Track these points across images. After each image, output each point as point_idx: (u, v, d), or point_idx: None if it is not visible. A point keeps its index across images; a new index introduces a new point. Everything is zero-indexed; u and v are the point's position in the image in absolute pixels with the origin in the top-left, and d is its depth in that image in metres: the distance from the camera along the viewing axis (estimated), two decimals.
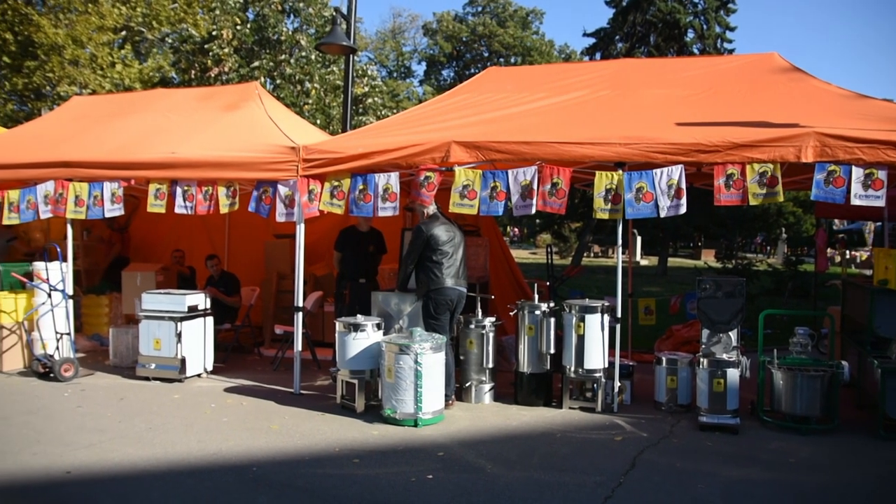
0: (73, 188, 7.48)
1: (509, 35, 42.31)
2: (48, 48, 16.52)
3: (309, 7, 19.26)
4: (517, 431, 5.75)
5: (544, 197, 6.08)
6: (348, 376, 6.25)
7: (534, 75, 8.32)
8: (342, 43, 9.08)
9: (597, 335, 6.22)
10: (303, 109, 17.57)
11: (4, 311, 7.91)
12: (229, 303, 8.96)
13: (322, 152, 6.70)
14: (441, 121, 6.96)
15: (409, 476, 4.62)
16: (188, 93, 9.85)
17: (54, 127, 9.10)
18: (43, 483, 4.49)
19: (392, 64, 46.85)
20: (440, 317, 6.40)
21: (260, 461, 4.91)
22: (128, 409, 6.28)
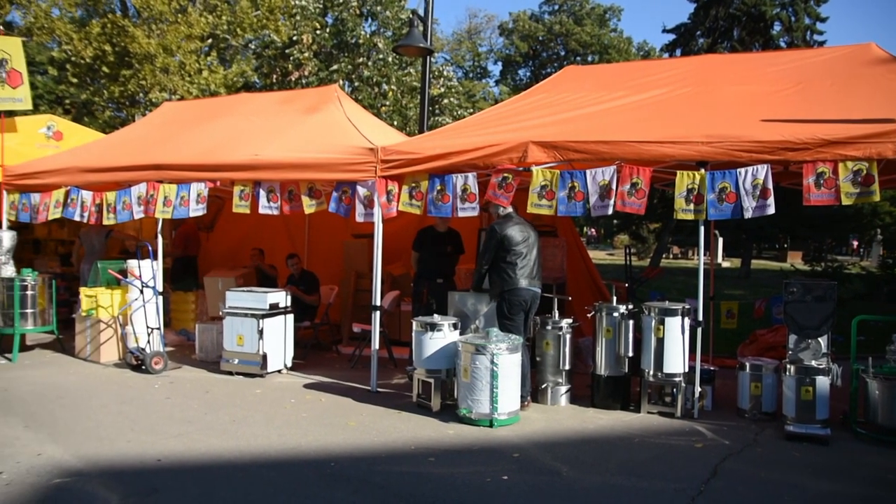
0: (162, 189, 7.82)
1: (586, 33, 41.73)
2: (141, 57, 17.32)
3: (386, 10, 19.55)
4: (594, 435, 5.67)
5: (623, 197, 5.97)
6: (424, 375, 6.30)
7: (612, 73, 8.19)
8: (419, 45, 9.16)
9: (677, 338, 6.06)
10: (380, 111, 17.85)
11: (102, 305, 8.36)
12: (309, 301, 9.17)
13: (400, 153, 6.78)
14: (518, 121, 6.93)
15: (484, 476, 4.63)
16: (270, 96, 10.14)
17: (147, 131, 9.55)
18: (137, 469, 4.72)
19: (468, 64, 46.95)
20: (514, 317, 6.38)
21: (337, 456, 5.01)
22: (213, 402, 6.52)
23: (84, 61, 18.23)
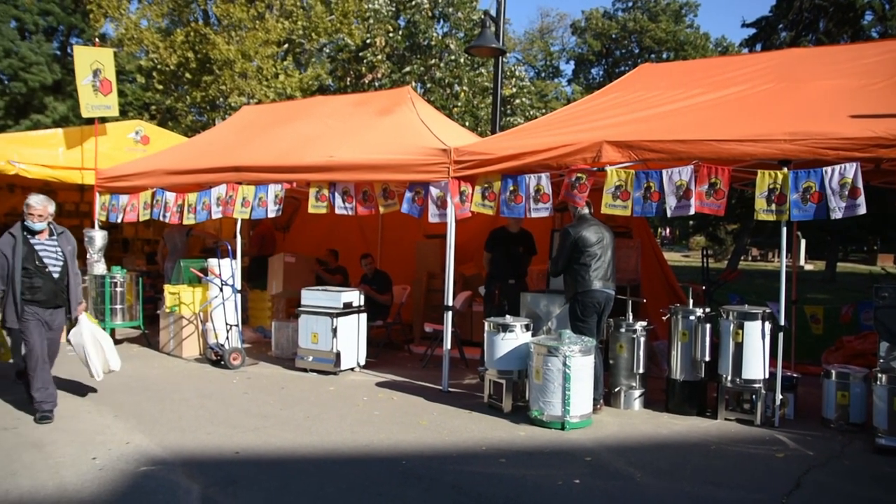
0: (241, 190, 8.07)
1: (661, 30, 40.80)
2: (221, 63, 17.94)
3: (458, 11, 19.62)
4: (668, 440, 5.54)
5: (701, 198, 5.81)
6: (496, 376, 6.30)
7: (689, 70, 7.97)
8: (491, 45, 9.16)
9: (757, 343, 5.86)
10: (452, 112, 17.92)
11: (184, 302, 8.70)
12: (381, 300, 9.28)
13: (473, 154, 6.80)
14: (592, 120, 6.85)
15: (555, 479, 4.59)
16: (344, 99, 10.33)
17: (226, 135, 9.88)
18: (217, 460, 4.89)
19: (540, 64, 46.60)
20: (587, 319, 6.30)
21: (409, 455, 5.06)
22: (288, 398, 6.69)
23: (169, 69, 19.03)
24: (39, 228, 5.73)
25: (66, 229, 6.04)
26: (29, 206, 5.67)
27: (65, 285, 5.84)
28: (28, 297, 5.58)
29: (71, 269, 5.89)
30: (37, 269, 5.62)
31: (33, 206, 5.67)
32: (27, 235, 5.68)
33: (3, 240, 5.64)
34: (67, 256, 5.85)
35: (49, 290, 5.70)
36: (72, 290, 5.92)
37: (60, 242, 5.86)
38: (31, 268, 5.60)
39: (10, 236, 5.62)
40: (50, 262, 5.73)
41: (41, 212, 5.70)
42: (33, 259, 5.63)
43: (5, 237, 5.64)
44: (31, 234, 5.70)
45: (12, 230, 5.68)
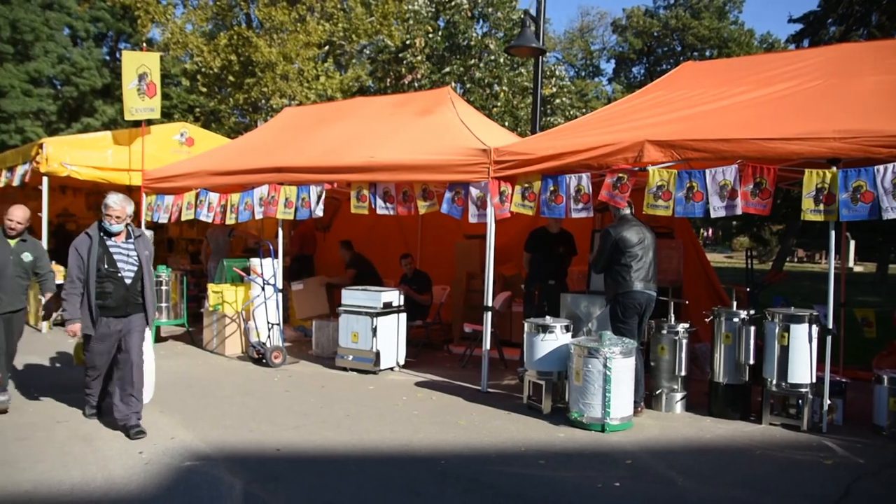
0: (283, 191, 8.17)
1: (704, 27, 40.09)
2: (263, 66, 18.20)
3: (497, 11, 19.57)
4: (711, 444, 5.44)
5: (746, 197, 5.69)
6: (535, 377, 6.27)
7: (733, 68, 7.82)
8: (531, 45, 9.11)
9: (803, 347, 5.72)
10: (492, 112, 17.89)
11: (227, 301, 8.85)
12: (421, 300, 9.31)
13: (513, 154, 6.78)
14: (633, 120, 6.77)
15: (595, 482, 4.54)
16: (385, 100, 10.39)
17: (268, 136, 10.02)
18: (258, 457, 4.96)
19: (580, 63, 46.23)
20: (628, 321, 6.23)
21: (447, 455, 5.06)
22: (328, 397, 6.75)
23: (212, 72, 19.37)
24: (117, 230, 5.40)
25: (144, 232, 5.76)
26: (107, 207, 5.34)
27: (138, 291, 5.47)
28: (99, 302, 5.30)
29: (146, 275, 5.50)
30: (108, 272, 5.31)
31: (112, 207, 5.33)
32: (103, 237, 5.38)
33: (79, 239, 5.39)
34: (143, 261, 5.48)
35: (119, 296, 5.35)
36: (147, 297, 5.51)
37: (137, 246, 5.50)
38: (102, 271, 5.30)
39: (87, 236, 5.35)
40: (123, 267, 5.37)
41: (119, 213, 5.37)
42: (105, 262, 5.31)
43: (81, 237, 5.38)
44: (108, 235, 5.39)
45: (89, 230, 5.39)
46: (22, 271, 6.05)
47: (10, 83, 24.78)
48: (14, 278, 5.97)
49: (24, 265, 6.06)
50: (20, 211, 6.03)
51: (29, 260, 6.10)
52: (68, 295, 5.26)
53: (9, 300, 5.94)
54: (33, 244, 6.24)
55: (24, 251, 6.07)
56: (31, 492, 4.19)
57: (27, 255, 6.08)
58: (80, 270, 5.25)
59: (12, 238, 6.03)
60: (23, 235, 6.11)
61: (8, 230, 5.98)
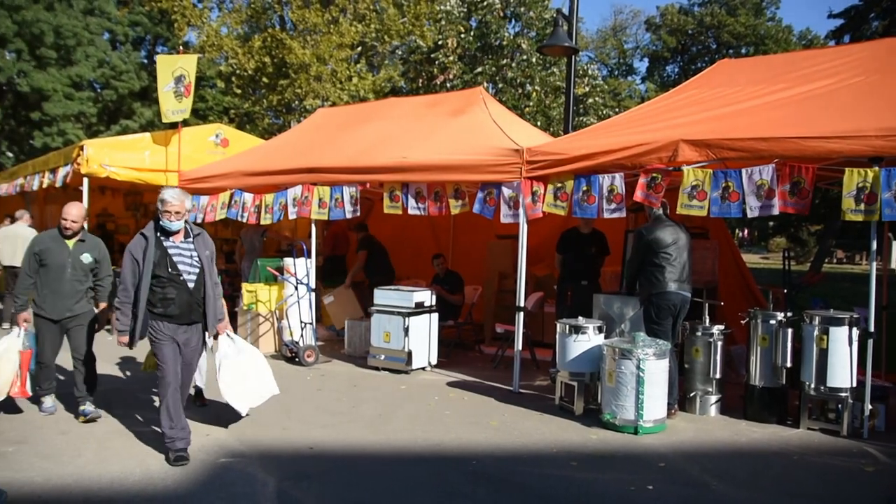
0: (316, 192, 8.24)
1: (740, 24, 39.44)
2: (297, 67, 18.40)
3: (530, 11, 19.50)
4: (746, 448, 5.36)
5: (784, 197, 5.59)
6: (567, 378, 6.23)
7: (770, 65, 7.68)
8: (564, 44, 9.07)
9: (843, 350, 5.60)
10: (524, 112, 17.84)
11: (261, 300, 8.96)
12: (453, 300, 9.32)
13: (545, 154, 6.75)
14: (667, 119, 6.69)
15: (627, 484, 4.50)
16: (417, 100, 10.42)
17: (301, 137, 10.12)
18: (291, 455, 5.02)
19: (613, 62, 45.85)
20: (662, 322, 6.16)
21: (479, 455, 5.06)
22: (360, 396, 6.79)
23: (247, 73, 19.63)
24: (176, 228, 4.83)
25: (203, 230, 5.12)
26: (164, 203, 4.75)
27: (201, 297, 4.90)
28: (159, 310, 4.73)
29: (209, 277, 4.93)
30: (170, 277, 4.73)
31: (169, 202, 4.74)
32: (160, 237, 4.81)
33: (133, 242, 4.82)
34: (205, 262, 4.89)
35: (183, 302, 4.79)
36: (209, 304, 4.95)
37: (197, 246, 4.91)
38: (163, 276, 4.71)
39: (142, 238, 4.79)
40: (185, 269, 4.80)
41: (178, 208, 4.77)
42: (166, 265, 4.73)
43: (136, 240, 4.82)
44: (166, 235, 4.82)
45: (144, 231, 4.83)
46: (82, 274, 5.70)
47: (52, 87, 25.40)
48: (72, 282, 5.63)
49: (83, 267, 5.71)
50: (76, 209, 5.65)
51: (89, 261, 5.74)
52: (122, 304, 4.79)
53: (66, 305, 5.61)
54: (94, 244, 5.84)
55: (84, 252, 5.71)
56: (71, 485, 4.29)
57: (87, 256, 5.72)
58: (135, 277, 4.74)
59: (69, 238, 5.68)
60: (81, 235, 5.75)
61: (64, 230, 5.62)
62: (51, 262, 5.57)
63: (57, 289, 5.58)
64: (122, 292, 4.78)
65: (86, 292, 5.76)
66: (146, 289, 4.69)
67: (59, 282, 5.58)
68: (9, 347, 5.49)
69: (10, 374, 5.44)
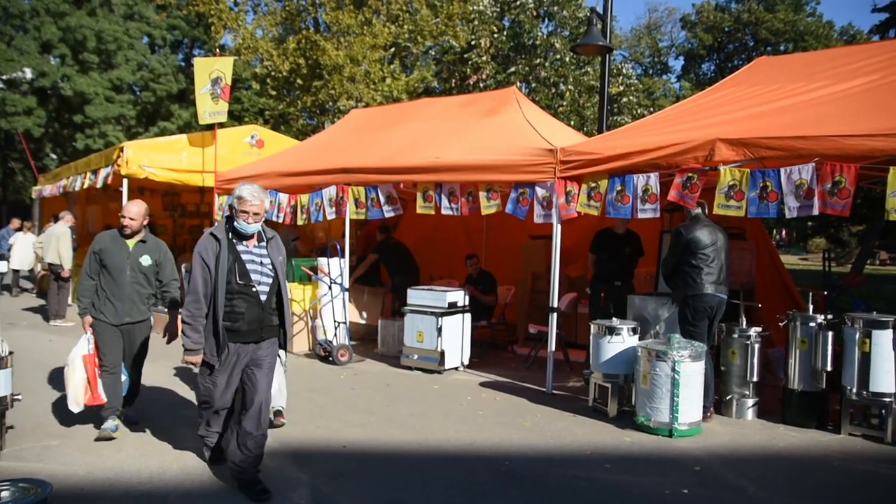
0: (351, 192, 8.30)
1: (779, 20, 38.70)
2: (331, 68, 18.53)
3: (563, 10, 19.39)
4: (784, 453, 5.26)
5: (824, 197, 5.46)
6: (601, 379, 6.19)
7: (810, 62, 7.53)
8: (598, 43, 9.00)
9: (887, 354, 5.46)
10: (557, 111, 17.74)
11: (295, 300, 9.05)
12: (486, 301, 9.31)
13: (579, 154, 6.71)
14: (703, 117, 6.60)
15: (662, 487, 4.45)
16: (450, 101, 10.43)
17: (336, 138, 10.20)
18: (325, 453, 5.06)
19: (647, 61, 45.35)
20: (698, 324, 6.07)
21: (512, 456, 5.05)
22: (393, 395, 6.82)
23: (281, 75, 19.84)
24: (253, 231, 4.19)
25: (276, 233, 4.46)
26: (242, 200, 4.10)
27: (273, 309, 4.30)
28: (226, 324, 4.13)
29: (283, 288, 4.32)
30: (240, 287, 4.12)
31: (247, 200, 4.09)
32: (233, 240, 4.18)
33: (203, 242, 4.16)
34: (279, 270, 4.28)
35: (254, 316, 4.18)
36: (287, 318, 4.41)
37: (270, 251, 4.28)
38: (233, 285, 4.11)
39: (213, 239, 4.15)
40: (257, 279, 4.18)
41: (258, 208, 4.12)
42: (237, 273, 4.11)
43: (206, 240, 4.16)
44: (238, 237, 4.19)
45: (214, 230, 4.21)
46: (142, 277, 5.30)
47: (94, 91, 26.03)
48: (132, 285, 5.24)
49: (143, 270, 5.31)
50: (135, 206, 5.28)
51: (148, 264, 5.33)
52: (192, 317, 4.11)
53: (125, 309, 5.23)
54: (155, 246, 5.44)
55: (144, 254, 5.32)
56: (112, 478, 4.39)
57: (146, 258, 5.33)
58: (207, 285, 4.09)
59: (129, 238, 5.30)
60: (142, 235, 5.36)
61: (123, 228, 5.26)
62: (110, 263, 5.21)
63: (116, 293, 5.21)
64: (192, 303, 4.10)
65: (148, 298, 5.39)
66: (222, 299, 4.07)
67: (118, 285, 5.21)
68: (76, 356, 5.26)
69: (81, 383, 5.21)
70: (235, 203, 4.13)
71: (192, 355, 4.16)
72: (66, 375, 5.23)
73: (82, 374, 5.22)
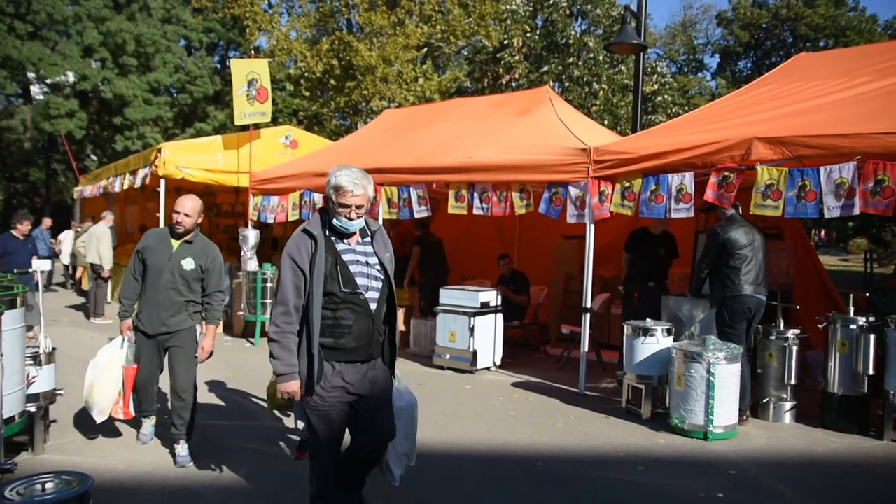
0: (384, 192, 8.34)
1: (819, 15, 37.88)
2: (364, 69, 18.65)
3: (596, 8, 19.26)
4: (824, 459, 5.15)
5: (865, 196, 5.34)
6: (634, 381, 6.13)
7: (852, 58, 7.36)
8: (632, 41, 8.92)
9: None
10: (590, 111, 17.62)
11: None
12: (518, 301, 9.28)
13: (613, 153, 6.65)
14: (740, 116, 6.50)
15: (696, 491, 4.40)
16: (483, 100, 10.42)
17: (369, 138, 10.26)
18: None
19: (682, 59, 44.77)
20: (736, 325, 5.98)
21: (544, 457, 5.03)
22: (425, 394, 6.80)
23: (315, 76, 20.03)
24: (356, 228, 3.39)
25: (381, 226, 3.65)
26: (341, 191, 3.26)
27: (382, 321, 3.43)
28: (329, 342, 3.29)
29: (394, 293, 3.50)
30: (345, 295, 3.29)
31: (349, 191, 3.26)
32: (332, 238, 3.36)
33: (294, 242, 3.33)
34: (388, 271, 3.45)
35: (362, 330, 3.32)
36: (396, 331, 3.56)
37: (377, 248, 3.46)
38: (335, 293, 3.27)
39: (307, 237, 3.31)
40: (365, 284, 3.34)
41: (361, 200, 3.29)
42: (339, 278, 3.28)
43: (298, 238, 3.33)
44: (338, 235, 3.37)
45: (308, 227, 3.35)
46: (181, 282, 4.66)
47: (133, 93, 26.60)
48: (167, 290, 4.63)
49: (184, 274, 4.66)
50: (191, 201, 4.65)
51: (190, 268, 4.66)
52: (281, 333, 3.29)
53: (161, 318, 4.64)
54: (202, 249, 4.74)
55: (187, 256, 4.67)
56: (150, 473, 4.47)
57: (189, 261, 4.66)
58: (300, 294, 3.29)
59: (178, 237, 4.71)
60: (191, 235, 4.73)
61: (175, 225, 4.64)
62: (150, 263, 4.67)
63: (152, 297, 4.66)
64: (280, 315, 3.29)
65: (187, 305, 4.73)
66: (318, 311, 3.25)
67: (153, 288, 4.65)
68: (110, 362, 4.81)
69: (113, 393, 4.78)
70: (332, 194, 3.31)
71: (286, 382, 3.30)
72: (91, 378, 4.82)
73: (118, 387, 4.80)
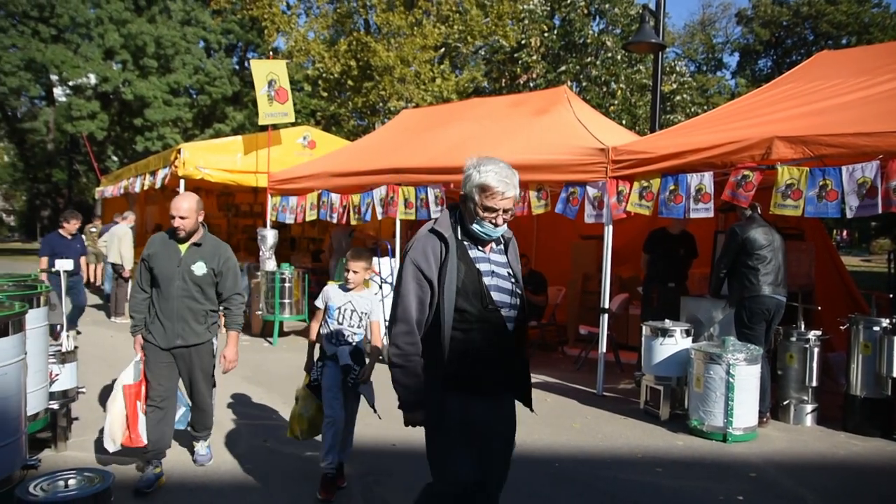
0: (401, 192, 8.36)
1: (841, 12, 37.37)
2: (381, 70, 18.71)
3: (614, 7, 19.17)
4: (846, 462, 5.09)
5: (888, 196, 5.26)
6: (653, 382, 6.09)
7: (875, 55, 7.25)
8: (651, 40, 8.86)
9: None
10: (608, 110, 17.55)
11: None
12: (536, 301, 9.24)
13: (632, 153, 6.61)
14: (760, 115, 6.43)
15: (716, 493, 4.36)
16: (500, 100, 10.39)
17: (386, 138, 10.28)
18: (374, 451, 5.10)
19: (701, 58, 44.42)
20: (755, 327, 5.92)
21: (562, 457, 5.01)
22: None
23: (333, 76, 20.12)
24: (497, 235, 2.79)
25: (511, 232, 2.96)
26: (488, 191, 2.68)
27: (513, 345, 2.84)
28: (461, 372, 2.72)
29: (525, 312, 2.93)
30: (482, 311, 2.72)
31: (499, 192, 2.68)
32: (467, 244, 2.78)
33: (420, 245, 2.75)
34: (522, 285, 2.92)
35: (494, 356, 2.78)
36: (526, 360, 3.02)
37: (511, 258, 2.90)
38: (470, 309, 2.70)
39: (436, 240, 2.73)
40: (502, 300, 2.77)
41: (510, 202, 2.72)
42: (473, 293, 2.71)
43: (425, 240, 2.75)
44: (473, 241, 2.79)
45: (438, 226, 2.77)
46: (196, 289, 4.29)
47: (153, 94, 26.87)
48: (181, 299, 4.25)
49: (196, 280, 4.28)
50: (185, 201, 4.23)
51: (202, 273, 4.29)
52: (405, 357, 2.74)
53: (175, 330, 4.26)
54: (213, 251, 4.37)
55: (198, 260, 4.29)
56: (168, 471, 4.49)
57: (200, 265, 4.29)
58: (424, 309, 2.73)
59: (182, 241, 4.32)
60: (198, 237, 4.36)
61: (176, 230, 4.25)
62: (158, 271, 4.26)
63: (165, 308, 4.26)
64: (402, 335, 2.73)
65: (206, 315, 4.38)
66: (449, 331, 2.68)
67: (165, 299, 4.25)
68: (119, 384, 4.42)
69: (119, 418, 4.33)
70: (475, 194, 2.70)
71: (412, 413, 2.82)
72: (108, 406, 4.42)
73: (121, 408, 4.31)
